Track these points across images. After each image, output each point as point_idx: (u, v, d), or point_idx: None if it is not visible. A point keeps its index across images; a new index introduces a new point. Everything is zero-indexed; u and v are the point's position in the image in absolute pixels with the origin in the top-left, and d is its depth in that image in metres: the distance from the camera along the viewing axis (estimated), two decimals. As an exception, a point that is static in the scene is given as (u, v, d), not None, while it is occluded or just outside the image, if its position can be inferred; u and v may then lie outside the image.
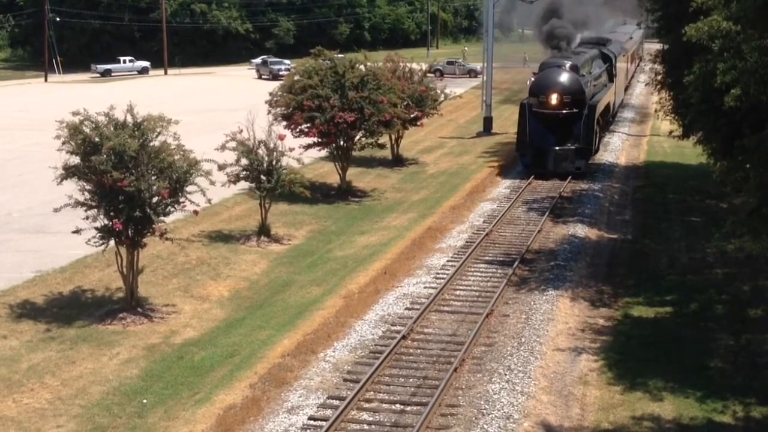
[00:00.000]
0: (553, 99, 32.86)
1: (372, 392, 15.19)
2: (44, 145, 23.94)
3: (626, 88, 57.11)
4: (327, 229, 27.09)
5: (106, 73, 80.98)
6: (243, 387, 15.49)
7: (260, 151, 24.32)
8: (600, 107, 35.66)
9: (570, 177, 32.59)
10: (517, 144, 34.46)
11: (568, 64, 34.25)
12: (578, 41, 43.40)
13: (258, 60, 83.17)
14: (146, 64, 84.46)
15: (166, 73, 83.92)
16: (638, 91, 64.49)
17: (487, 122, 46.68)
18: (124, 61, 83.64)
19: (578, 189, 32.14)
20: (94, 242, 18.65)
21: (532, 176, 32.68)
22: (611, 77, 41.97)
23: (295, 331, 18.17)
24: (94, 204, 18.32)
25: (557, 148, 33.06)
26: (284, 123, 29.45)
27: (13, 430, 14.15)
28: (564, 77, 33.44)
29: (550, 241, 24.48)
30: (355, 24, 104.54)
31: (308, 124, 29.24)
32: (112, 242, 18.75)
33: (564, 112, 33.04)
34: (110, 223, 18.15)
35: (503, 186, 32.88)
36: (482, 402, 14.76)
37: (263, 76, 76.81)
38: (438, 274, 21.75)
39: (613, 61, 42.31)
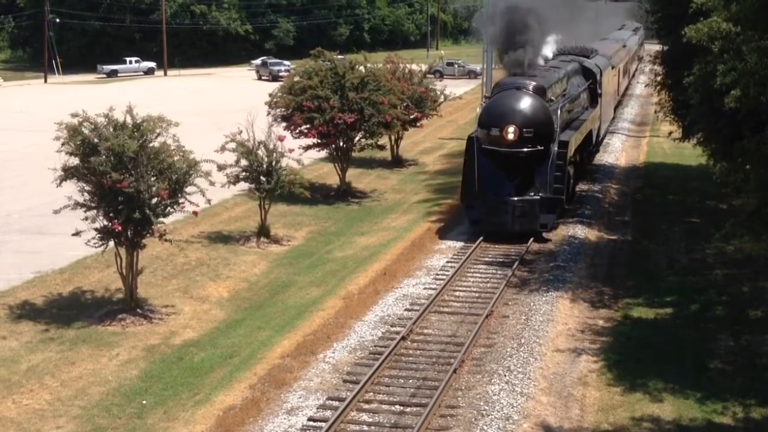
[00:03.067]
0: (510, 133, 24.39)
1: (371, 393, 15.18)
2: (44, 146, 23.92)
3: (617, 106, 48.76)
4: (327, 230, 27.08)
5: (112, 74, 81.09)
6: (242, 388, 15.49)
7: (260, 152, 24.31)
8: (576, 141, 27.47)
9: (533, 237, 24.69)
10: (462, 192, 25.67)
11: (531, 85, 25.45)
12: (552, 54, 33.20)
13: (258, 61, 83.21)
14: (152, 64, 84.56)
15: (165, 74, 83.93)
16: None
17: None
18: (130, 62, 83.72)
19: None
20: (94, 243, 18.64)
21: (481, 238, 24.33)
22: (595, 98, 33.29)
23: (294, 332, 18.16)
24: (93, 205, 18.30)
25: (516, 198, 24.48)
26: (284, 124, 29.47)
27: (13, 431, 14.14)
28: (525, 104, 24.92)
29: (550, 242, 24.45)
30: (354, 25, 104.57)
31: (308, 125, 29.25)
32: (111, 243, 18.74)
33: (525, 150, 24.62)
34: (109, 224, 18.14)
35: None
36: (482, 403, 14.75)
37: (263, 77, 76.84)
38: (438, 275, 21.74)
39: (598, 78, 33.77)
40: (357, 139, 30.87)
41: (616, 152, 40.90)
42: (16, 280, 20.97)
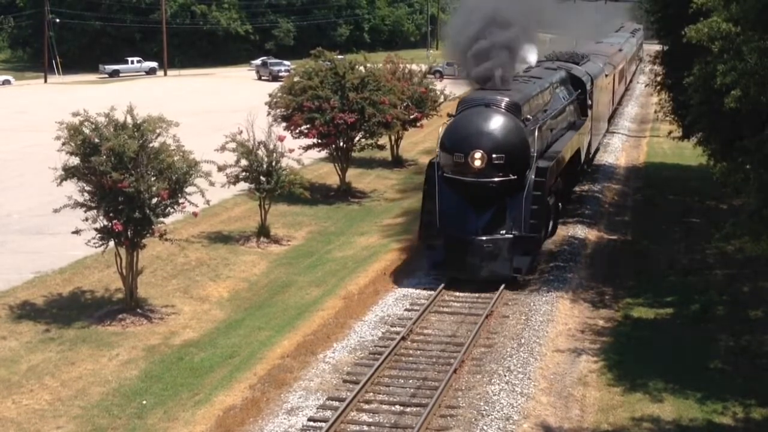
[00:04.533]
0: (477, 160, 20.35)
1: (371, 393, 15.18)
2: (44, 146, 23.93)
3: (611, 117, 44.36)
4: (327, 229, 27.08)
5: (114, 74, 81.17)
6: (242, 388, 15.48)
7: (260, 152, 24.32)
8: (558, 164, 23.00)
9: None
10: (421, 230, 21.37)
11: (503, 101, 21.22)
12: (536, 61, 28.75)
13: (258, 61, 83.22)
14: (154, 64, 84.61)
15: (165, 74, 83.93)
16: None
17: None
18: (132, 62, 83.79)
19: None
20: (94, 243, 18.65)
21: (442, 285, 20.23)
22: (584, 110, 29.37)
23: (294, 332, 18.16)
24: (93, 205, 18.31)
25: (484, 238, 20.32)
26: (284, 124, 29.48)
27: (13, 431, 14.14)
28: (495, 124, 20.81)
29: (550, 242, 24.44)
30: (354, 25, 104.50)
31: (308, 125, 29.26)
32: (111, 243, 18.74)
33: (495, 180, 20.50)
34: (110, 224, 18.15)
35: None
36: (482, 403, 14.75)
37: (263, 78, 76.84)
38: (438, 275, 21.72)
39: (588, 87, 29.83)
40: (357, 139, 30.88)
41: (616, 152, 40.90)
42: (16, 280, 20.97)
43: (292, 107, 29.31)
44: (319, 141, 29.93)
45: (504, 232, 20.60)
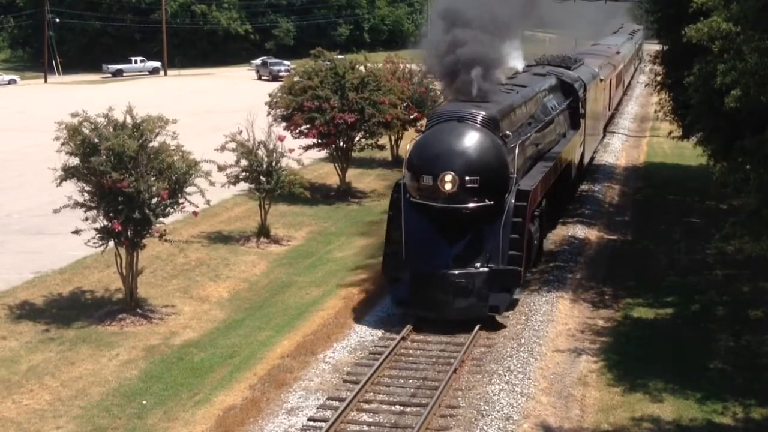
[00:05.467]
0: (448, 183, 17.87)
1: (372, 393, 15.18)
2: (44, 146, 23.91)
3: (607, 124, 41.78)
4: (327, 230, 27.07)
5: (117, 74, 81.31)
6: (242, 388, 15.49)
7: (260, 152, 24.31)
8: (543, 185, 20.74)
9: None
10: (385, 262, 18.86)
11: (478, 115, 18.70)
12: (523, 67, 27.44)
13: (258, 61, 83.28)
14: (157, 64, 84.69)
15: (166, 74, 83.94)
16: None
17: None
18: (135, 62, 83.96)
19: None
20: (94, 243, 18.64)
21: (409, 326, 17.83)
22: (576, 119, 27.13)
23: (294, 332, 18.16)
24: (93, 205, 18.31)
25: (456, 272, 17.84)
26: (284, 124, 29.48)
27: (13, 431, 14.13)
28: (469, 142, 18.29)
29: (550, 243, 24.44)
30: (354, 25, 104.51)
31: (308, 125, 29.26)
32: (111, 243, 18.73)
33: (469, 206, 18.10)
34: (109, 224, 18.14)
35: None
36: (482, 403, 14.75)
37: (263, 77, 76.89)
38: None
39: (581, 94, 27.57)
40: (357, 139, 30.89)
41: (616, 152, 40.89)
42: (16, 280, 20.98)
43: (292, 107, 29.32)
44: (319, 141, 29.93)
45: (479, 265, 17.96)
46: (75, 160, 18.23)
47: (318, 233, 26.62)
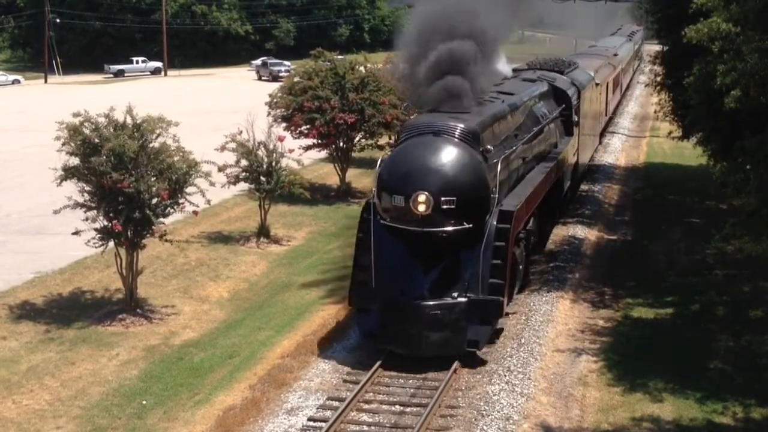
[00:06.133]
0: (421, 204, 15.83)
1: (371, 393, 15.17)
2: (44, 146, 23.95)
3: (604, 130, 40.16)
4: (327, 230, 27.08)
5: (119, 74, 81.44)
6: (242, 388, 15.49)
7: (260, 153, 24.33)
8: (530, 203, 18.74)
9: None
10: (352, 291, 16.98)
11: (456, 128, 16.68)
12: (509, 72, 24.88)
13: (258, 61, 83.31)
14: (158, 64, 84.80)
15: (166, 74, 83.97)
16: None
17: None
18: (137, 62, 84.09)
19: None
20: (94, 243, 18.65)
21: (379, 362, 15.94)
22: (569, 128, 25.28)
23: (294, 332, 18.16)
24: (93, 205, 18.32)
25: (431, 303, 15.89)
26: (284, 124, 29.50)
27: (13, 431, 14.14)
28: (446, 158, 16.25)
29: (550, 243, 24.45)
30: (354, 25, 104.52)
31: (308, 126, 29.28)
32: (111, 243, 18.74)
33: (446, 229, 16.09)
34: (110, 224, 18.15)
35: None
36: (482, 403, 14.75)
37: (263, 78, 76.91)
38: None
39: (574, 101, 25.66)
40: (357, 139, 30.91)
41: (616, 152, 40.89)
42: (16, 280, 20.99)
43: (292, 107, 29.34)
44: (319, 141, 29.94)
45: (456, 294, 15.98)
46: (75, 161, 18.24)
47: (318, 233, 26.63)
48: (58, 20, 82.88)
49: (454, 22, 18.37)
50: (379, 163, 17.08)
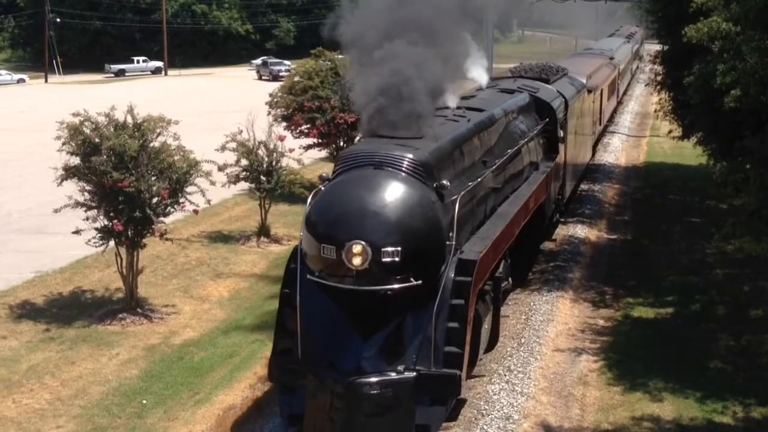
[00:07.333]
0: (357, 257, 12.15)
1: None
2: (44, 146, 23.97)
3: (598, 141, 37.99)
4: (327, 229, 27.01)
5: (120, 73, 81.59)
6: (243, 387, 15.49)
7: (260, 152, 24.34)
8: (500, 245, 15.27)
9: None
10: (272, 361, 13.36)
11: (404, 159, 12.99)
12: (485, 81, 20.49)
13: (258, 61, 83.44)
14: (159, 64, 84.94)
15: (166, 74, 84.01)
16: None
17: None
18: (138, 61, 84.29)
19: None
20: (94, 243, 18.65)
21: None
22: (554, 146, 22.07)
23: (294, 331, 18.13)
24: (94, 205, 18.32)
25: (373, 380, 12.16)
26: (284, 124, 29.51)
27: (13, 431, 14.15)
28: (389, 197, 12.54)
29: (550, 242, 24.45)
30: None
31: (308, 125, 29.30)
32: (111, 243, 18.75)
33: (389, 287, 12.46)
34: (110, 223, 18.15)
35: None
36: (482, 402, 14.74)
37: (263, 77, 77.01)
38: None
39: (560, 114, 22.45)
40: (357, 139, 30.85)
41: (616, 152, 40.90)
42: (16, 279, 20.99)
43: (292, 107, 29.36)
44: (320, 141, 29.95)
45: (402, 368, 12.38)
46: (76, 160, 18.24)
47: (318, 233, 26.57)
48: (58, 20, 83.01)
49: (405, 14, 14.59)
50: (309, 200, 13.17)
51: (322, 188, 13.21)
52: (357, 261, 12.19)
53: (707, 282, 21.60)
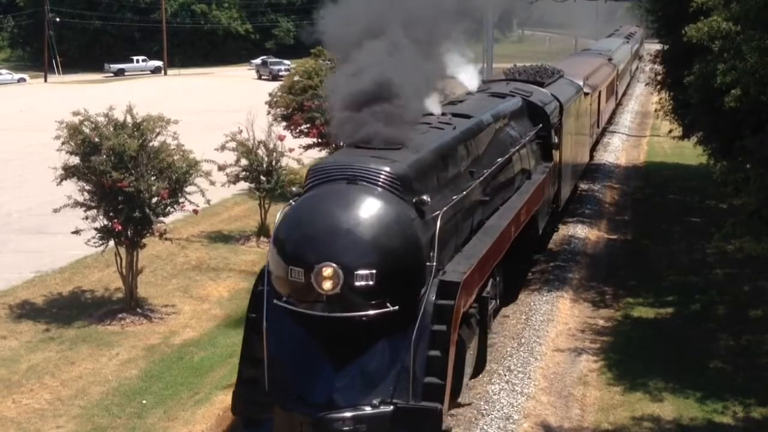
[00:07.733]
0: (327, 281, 10.93)
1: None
2: (44, 145, 23.96)
3: (596, 145, 37.12)
4: (327, 229, 27.00)
5: (119, 73, 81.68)
6: (242, 387, 15.46)
7: (260, 152, 24.31)
8: (484, 268, 13.80)
9: None
10: (235, 393, 12.00)
11: (381, 172, 11.68)
12: (474, 86, 19.83)
13: (258, 60, 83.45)
14: (159, 63, 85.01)
15: (165, 73, 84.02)
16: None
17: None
18: (137, 61, 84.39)
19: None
20: (94, 243, 18.64)
21: None
22: (548, 152, 20.87)
23: (294, 331, 18.13)
24: (93, 204, 18.31)
25: (343, 415, 10.94)
26: (284, 123, 29.48)
27: (13, 431, 14.14)
28: (363, 215, 11.27)
29: (550, 242, 24.44)
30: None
31: (308, 125, 29.27)
32: (111, 243, 18.74)
33: (363, 314, 11.20)
34: (110, 223, 18.15)
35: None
36: (482, 402, 14.74)
37: (263, 77, 76.98)
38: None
39: (555, 119, 21.33)
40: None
41: (617, 152, 40.90)
42: (16, 279, 20.99)
43: (292, 107, 29.32)
44: (320, 140, 29.92)
45: (378, 401, 11.26)
46: (75, 160, 18.23)
47: (318, 233, 26.55)
48: (57, 19, 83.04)
49: (386, 12, 13.51)
50: (278, 217, 12.06)
51: (292, 203, 12.04)
52: (327, 285, 11.04)
53: (707, 282, 21.60)
